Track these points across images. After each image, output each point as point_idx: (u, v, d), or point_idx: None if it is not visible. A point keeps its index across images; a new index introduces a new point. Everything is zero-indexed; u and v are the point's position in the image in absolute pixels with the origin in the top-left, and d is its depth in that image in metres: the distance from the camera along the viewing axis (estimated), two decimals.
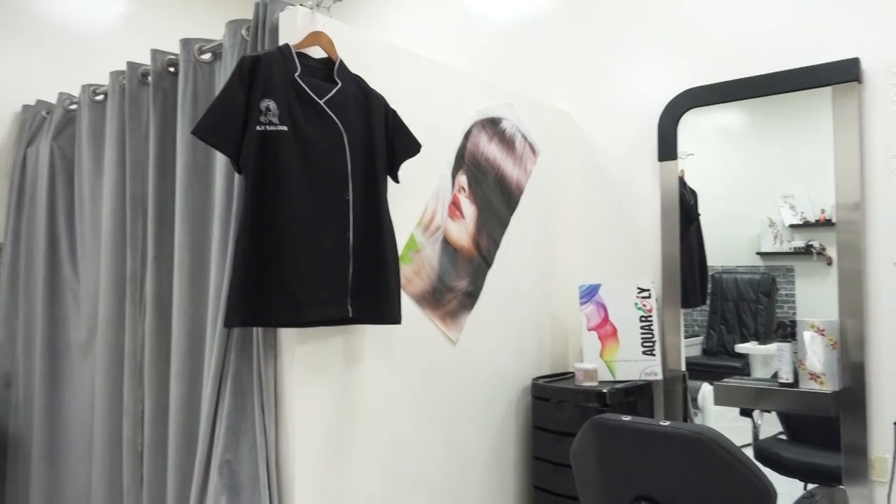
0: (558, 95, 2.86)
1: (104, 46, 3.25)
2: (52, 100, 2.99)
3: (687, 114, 2.49)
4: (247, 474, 1.69)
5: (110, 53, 3.26)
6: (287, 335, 1.69)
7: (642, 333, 2.37)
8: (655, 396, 2.48)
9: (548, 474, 2.26)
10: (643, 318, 2.38)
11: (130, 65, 2.20)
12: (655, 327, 2.38)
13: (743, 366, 2.38)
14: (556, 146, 2.70)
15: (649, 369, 2.35)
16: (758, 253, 2.35)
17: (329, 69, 1.73)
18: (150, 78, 2.13)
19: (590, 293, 2.44)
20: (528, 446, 2.46)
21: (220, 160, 1.84)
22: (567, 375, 2.50)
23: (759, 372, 2.34)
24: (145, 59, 3.24)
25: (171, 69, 2.10)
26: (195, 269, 1.94)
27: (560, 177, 2.72)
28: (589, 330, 2.42)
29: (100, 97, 2.44)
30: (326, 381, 1.75)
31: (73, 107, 2.65)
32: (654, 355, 2.36)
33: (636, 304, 2.39)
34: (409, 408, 1.99)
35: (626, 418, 1.53)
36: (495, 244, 2.34)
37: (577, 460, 1.65)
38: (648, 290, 2.39)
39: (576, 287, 2.74)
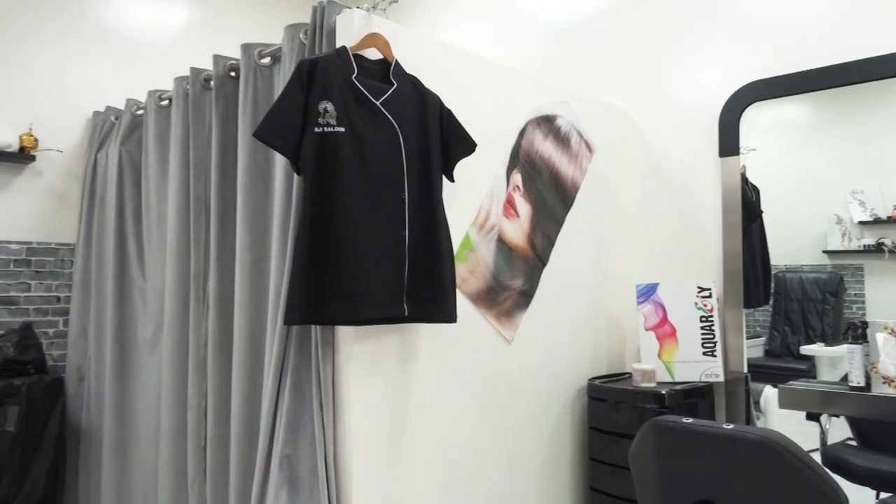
0: (614, 92, 2.81)
1: (169, 53, 3.37)
2: (121, 106, 3.12)
3: (748, 108, 2.42)
4: (306, 469, 1.72)
5: (175, 60, 3.38)
6: (344, 333, 1.72)
7: (703, 334, 2.31)
8: (716, 399, 2.41)
9: (604, 476, 2.23)
10: (703, 319, 2.32)
11: (194, 70, 2.27)
12: (717, 328, 2.31)
13: (808, 368, 2.29)
14: (612, 143, 2.66)
15: (710, 371, 2.29)
16: (824, 251, 2.26)
17: (385, 70, 1.75)
18: (212, 83, 2.19)
19: (647, 292, 2.39)
20: (583, 447, 2.43)
21: (280, 162, 1.88)
22: (624, 376, 2.46)
23: (826, 375, 2.25)
24: (208, 65, 3.35)
25: (233, 74, 2.16)
26: (255, 268, 1.99)
27: (616, 174, 2.68)
28: (646, 330, 2.37)
29: (165, 102, 2.53)
30: (383, 378, 1.77)
31: (140, 112, 2.75)
32: (715, 356, 2.30)
33: (696, 303, 2.33)
34: (463, 406, 1.99)
35: (687, 420, 1.50)
36: (550, 243, 2.32)
37: (636, 462, 1.62)
38: (709, 289, 2.33)
39: (633, 286, 2.69)
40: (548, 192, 2.31)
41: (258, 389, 1.98)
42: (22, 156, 2.83)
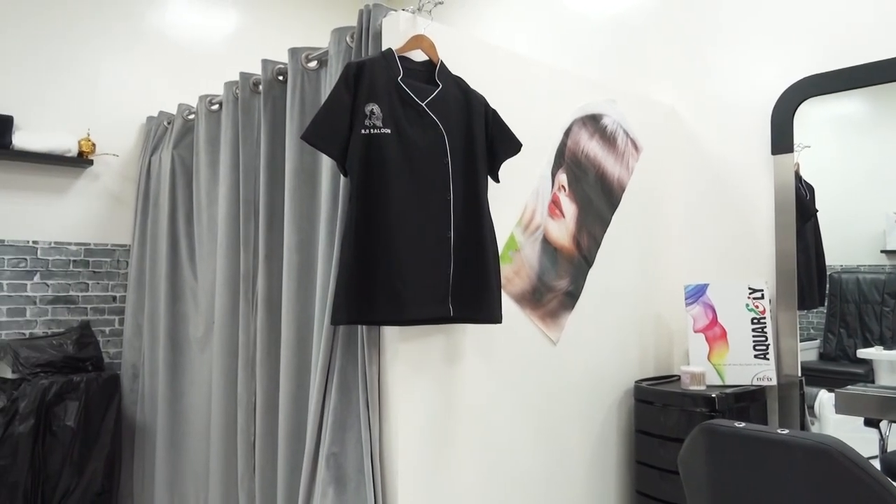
0: (662, 89, 2.76)
1: (220, 59, 3.46)
2: (173, 111, 3.21)
3: (802, 104, 2.35)
4: (352, 467, 1.74)
5: (225, 65, 3.47)
6: (390, 333, 1.73)
7: (754, 336, 2.25)
8: (769, 403, 2.35)
9: (652, 480, 2.19)
10: (755, 321, 2.26)
11: (243, 75, 2.32)
12: (769, 330, 2.25)
13: (866, 372, 2.21)
14: (659, 142, 2.61)
15: (762, 374, 2.23)
16: (883, 251, 2.17)
17: (431, 71, 1.76)
18: (260, 87, 2.24)
19: (696, 293, 2.34)
20: (630, 450, 2.40)
21: (326, 164, 1.90)
22: (672, 378, 2.42)
23: (886, 379, 2.17)
24: (257, 69, 3.42)
25: (280, 77, 2.20)
26: (303, 268, 2.02)
27: (664, 173, 2.63)
28: (695, 332, 2.33)
29: (215, 107, 2.59)
30: (428, 378, 1.78)
31: (192, 117, 2.83)
32: (767, 359, 2.24)
33: (748, 305, 2.27)
34: (509, 407, 1.98)
35: (740, 425, 1.46)
36: (596, 243, 2.29)
37: (686, 467, 1.59)
38: (761, 290, 2.27)
39: (681, 287, 2.64)
40: (593, 192, 2.29)
41: (305, 388, 2.01)
42: (80, 160, 2.94)
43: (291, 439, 1.99)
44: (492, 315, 1.75)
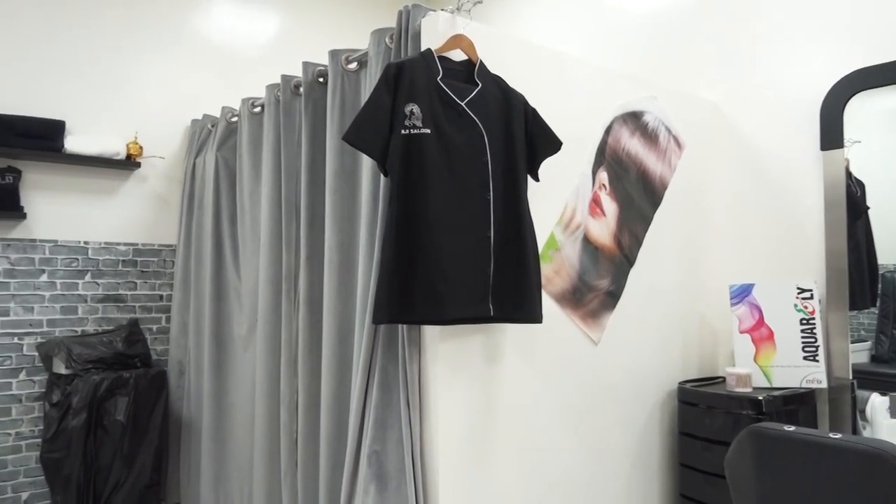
0: (705, 85, 2.71)
1: (262, 62, 3.51)
2: (217, 113, 3.27)
3: (853, 98, 2.27)
4: (394, 465, 1.75)
5: (267, 68, 3.52)
6: (430, 333, 1.74)
7: (803, 337, 2.19)
8: (819, 406, 2.28)
9: (696, 483, 2.15)
10: (804, 321, 2.20)
11: (284, 77, 2.36)
12: (818, 331, 2.18)
13: None
14: (703, 139, 2.56)
15: (812, 376, 2.17)
16: None
17: (470, 71, 1.76)
18: (301, 89, 2.27)
19: (742, 293, 2.29)
20: (673, 452, 2.36)
21: (367, 164, 1.92)
22: (716, 380, 2.37)
23: None
24: (298, 72, 3.47)
25: (321, 79, 2.22)
26: (343, 268, 2.04)
27: (708, 170, 2.58)
28: (741, 332, 2.27)
29: (257, 109, 2.64)
30: (468, 378, 1.78)
31: (235, 119, 2.88)
32: (817, 361, 2.17)
33: (796, 305, 2.21)
34: (549, 408, 1.97)
35: (789, 428, 1.42)
36: (638, 242, 2.26)
37: (732, 471, 1.56)
38: (811, 290, 2.20)
39: (726, 287, 2.58)
40: (635, 190, 2.26)
41: (346, 386, 2.03)
42: (128, 163, 3.02)
43: (333, 436, 2.02)
44: (532, 315, 1.74)
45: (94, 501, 2.56)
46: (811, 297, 2.20)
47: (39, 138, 2.77)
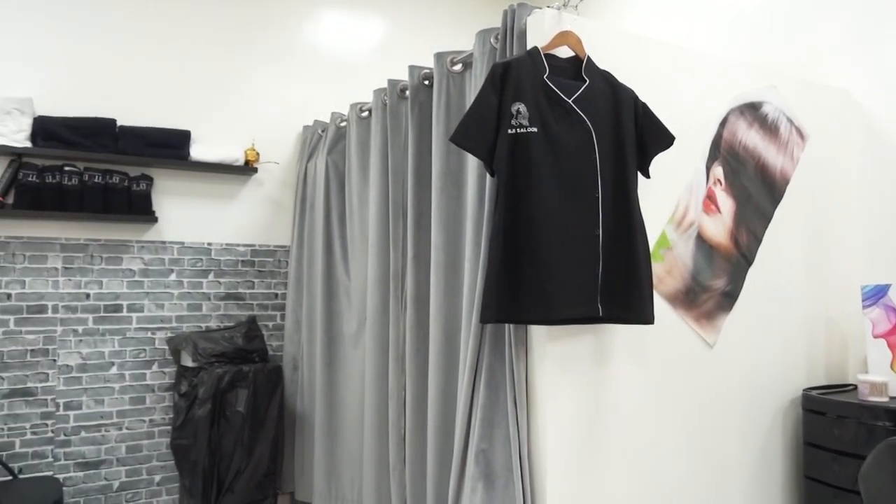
0: (833, 72, 2.52)
1: (369, 67, 3.62)
2: (327, 119, 3.40)
3: None
4: (501, 464, 1.75)
5: (374, 73, 3.63)
6: (538, 332, 1.72)
7: None
8: None
9: (824, 497, 2.01)
10: None
11: (391, 82, 2.41)
12: None
13: None
14: (831, 129, 2.39)
15: None
16: None
17: (577, 67, 1.73)
18: (408, 92, 2.31)
19: (876, 295, 2.11)
20: (797, 464, 2.21)
21: (472, 165, 1.93)
22: (846, 388, 2.20)
23: None
24: (404, 75, 3.55)
25: (426, 82, 2.26)
26: (449, 267, 2.07)
27: (835, 163, 2.40)
28: (875, 337, 2.10)
29: (365, 113, 2.72)
30: (576, 379, 1.75)
31: (343, 124, 2.98)
32: None
33: None
34: (661, 412, 1.90)
35: None
36: (757, 240, 2.14)
37: (868, 485, 1.44)
38: None
39: (857, 287, 2.39)
40: (753, 186, 2.14)
41: (453, 384, 2.05)
42: (246, 168, 3.20)
43: (440, 434, 2.05)
44: (643, 315, 1.69)
45: (217, 486, 2.74)
46: None
47: (169, 147, 2.99)
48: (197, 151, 3.07)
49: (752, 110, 2.15)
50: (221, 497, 2.73)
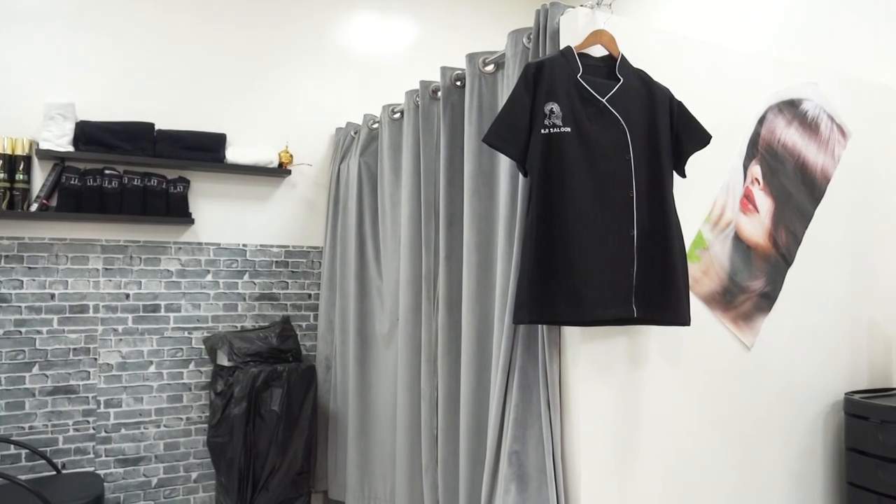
0: (877, 67, 2.45)
1: (400, 69, 3.64)
2: (359, 121, 3.43)
3: None
4: (534, 465, 1.74)
5: (406, 75, 3.64)
6: (571, 333, 1.71)
7: None
8: None
9: None
10: None
11: (423, 83, 2.42)
12: None
13: None
14: (875, 126, 2.33)
15: None
16: None
17: (611, 66, 1.72)
18: (439, 93, 2.32)
19: None
20: (839, 470, 2.16)
21: (504, 165, 1.93)
22: (890, 391, 2.14)
23: None
24: (435, 76, 3.56)
25: (458, 83, 2.26)
26: (482, 268, 2.06)
27: (880, 161, 2.34)
28: None
29: (397, 115, 2.73)
30: (610, 381, 1.73)
31: (376, 126, 3.00)
32: None
33: None
34: (697, 415, 1.87)
35: None
36: (796, 240, 2.09)
37: None
38: None
39: None
40: (792, 185, 2.09)
41: (485, 384, 2.05)
42: (280, 170, 3.24)
43: (472, 434, 2.04)
44: (679, 316, 1.66)
45: (252, 484, 2.77)
46: None
47: (205, 150, 3.05)
48: (232, 154, 3.12)
49: (791, 108, 2.10)
50: (257, 495, 2.77)
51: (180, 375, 3.07)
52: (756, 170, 2.02)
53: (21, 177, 2.73)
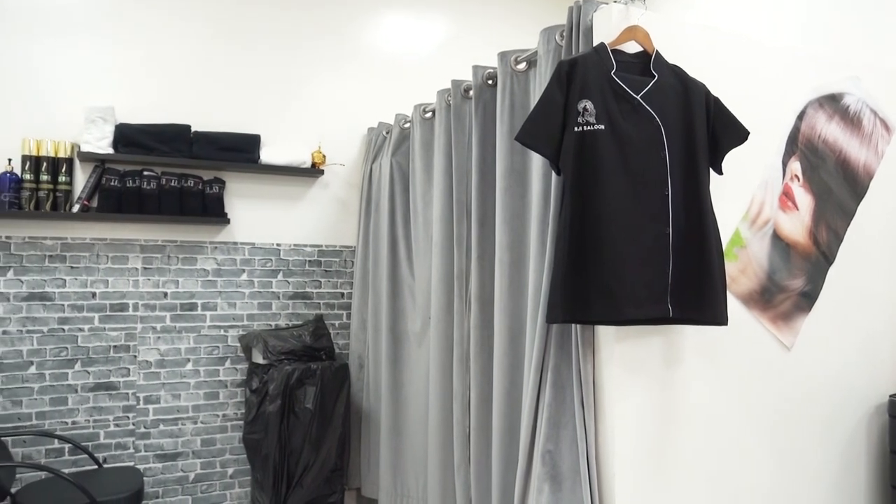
0: None
1: (432, 69, 3.65)
2: (391, 121, 3.45)
3: None
4: (567, 466, 1.73)
5: (437, 74, 3.65)
6: (605, 333, 1.70)
7: None
8: None
9: None
10: None
11: (454, 82, 2.42)
12: None
13: None
14: None
15: None
16: None
17: (645, 63, 1.69)
18: (471, 92, 2.31)
19: None
20: (883, 474, 2.10)
21: (537, 163, 1.92)
22: None
23: None
24: (467, 75, 3.56)
25: (490, 82, 2.25)
26: (514, 267, 2.06)
27: None
28: None
29: (428, 114, 2.74)
30: (645, 381, 1.71)
31: (407, 125, 3.01)
32: None
33: None
34: (735, 417, 1.84)
35: None
36: (837, 238, 2.04)
37: None
38: None
39: None
40: (833, 181, 2.04)
41: (518, 384, 2.04)
42: (313, 170, 3.27)
43: (505, 434, 2.04)
44: (715, 316, 1.64)
45: (287, 480, 2.81)
46: None
47: (240, 151, 3.10)
48: (266, 155, 3.16)
49: (832, 102, 2.05)
50: (291, 491, 2.81)
51: (216, 373, 3.12)
52: (795, 166, 1.97)
53: (63, 178, 2.81)
